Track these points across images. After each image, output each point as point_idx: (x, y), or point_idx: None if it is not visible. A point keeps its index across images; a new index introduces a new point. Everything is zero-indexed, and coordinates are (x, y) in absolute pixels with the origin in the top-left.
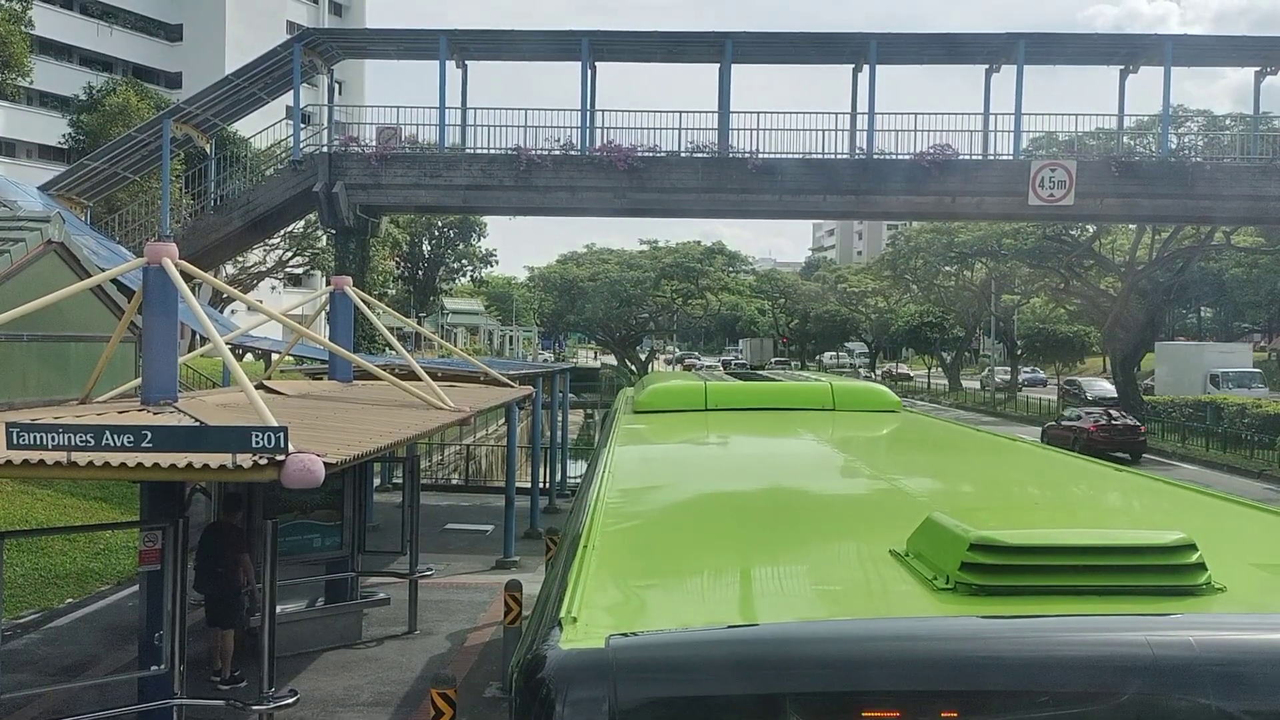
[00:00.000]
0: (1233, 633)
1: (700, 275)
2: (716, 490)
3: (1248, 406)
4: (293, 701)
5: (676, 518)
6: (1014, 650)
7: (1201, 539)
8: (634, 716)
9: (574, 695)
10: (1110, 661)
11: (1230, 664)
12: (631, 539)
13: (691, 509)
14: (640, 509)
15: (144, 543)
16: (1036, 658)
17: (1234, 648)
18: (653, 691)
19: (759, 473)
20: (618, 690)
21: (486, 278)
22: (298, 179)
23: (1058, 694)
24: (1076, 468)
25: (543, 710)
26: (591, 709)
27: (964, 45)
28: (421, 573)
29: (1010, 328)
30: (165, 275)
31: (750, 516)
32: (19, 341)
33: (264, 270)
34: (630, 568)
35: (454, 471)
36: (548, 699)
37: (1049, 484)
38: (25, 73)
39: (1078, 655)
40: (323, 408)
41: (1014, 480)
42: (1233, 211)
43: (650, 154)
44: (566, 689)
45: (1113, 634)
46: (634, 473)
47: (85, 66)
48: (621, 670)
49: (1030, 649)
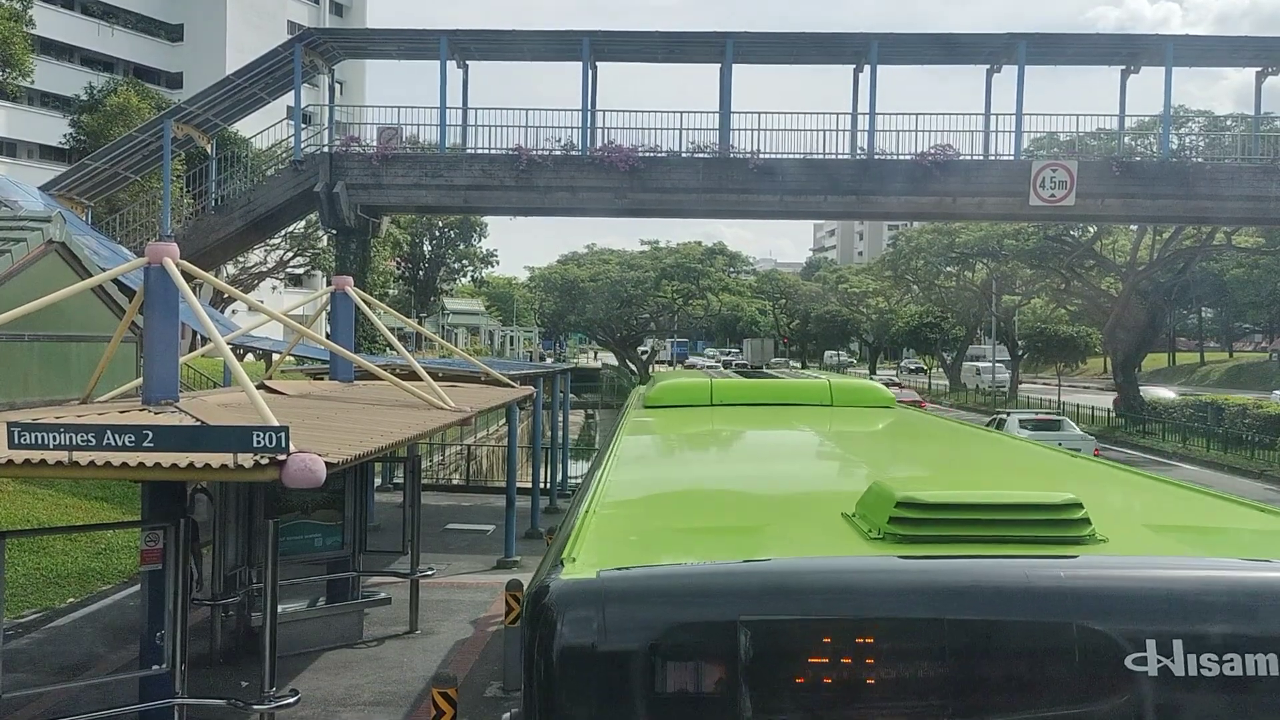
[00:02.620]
0: (1102, 571)
1: (701, 276)
2: (708, 468)
3: (1248, 407)
4: (294, 701)
5: (668, 488)
6: (921, 584)
7: (1092, 500)
8: (618, 633)
9: (571, 615)
10: (999, 595)
11: (1098, 597)
12: (627, 503)
13: (683, 482)
14: (638, 481)
15: (145, 542)
16: (940, 591)
17: (1101, 584)
18: (633, 613)
19: (749, 455)
20: (605, 612)
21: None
22: (298, 179)
23: (957, 622)
24: (1016, 447)
25: (547, 629)
26: (584, 626)
27: (965, 46)
28: (422, 573)
29: (1011, 328)
30: (166, 275)
31: (733, 488)
32: (20, 341)
33: (265, 270)
34: (623, 524)
35: (455, 471)
36: (550, 619)
37: (986, 459)
38: (26, 72)
39: (973, 590)
40: (324, 408)
41: (961, 458)
42: (1234, 212)
43: (651, 154)
44: (565, 610)
45: (1002, 573)
46: (637, 454)
47: (86, 66)
48: (609, 596)
49: (934, 583)
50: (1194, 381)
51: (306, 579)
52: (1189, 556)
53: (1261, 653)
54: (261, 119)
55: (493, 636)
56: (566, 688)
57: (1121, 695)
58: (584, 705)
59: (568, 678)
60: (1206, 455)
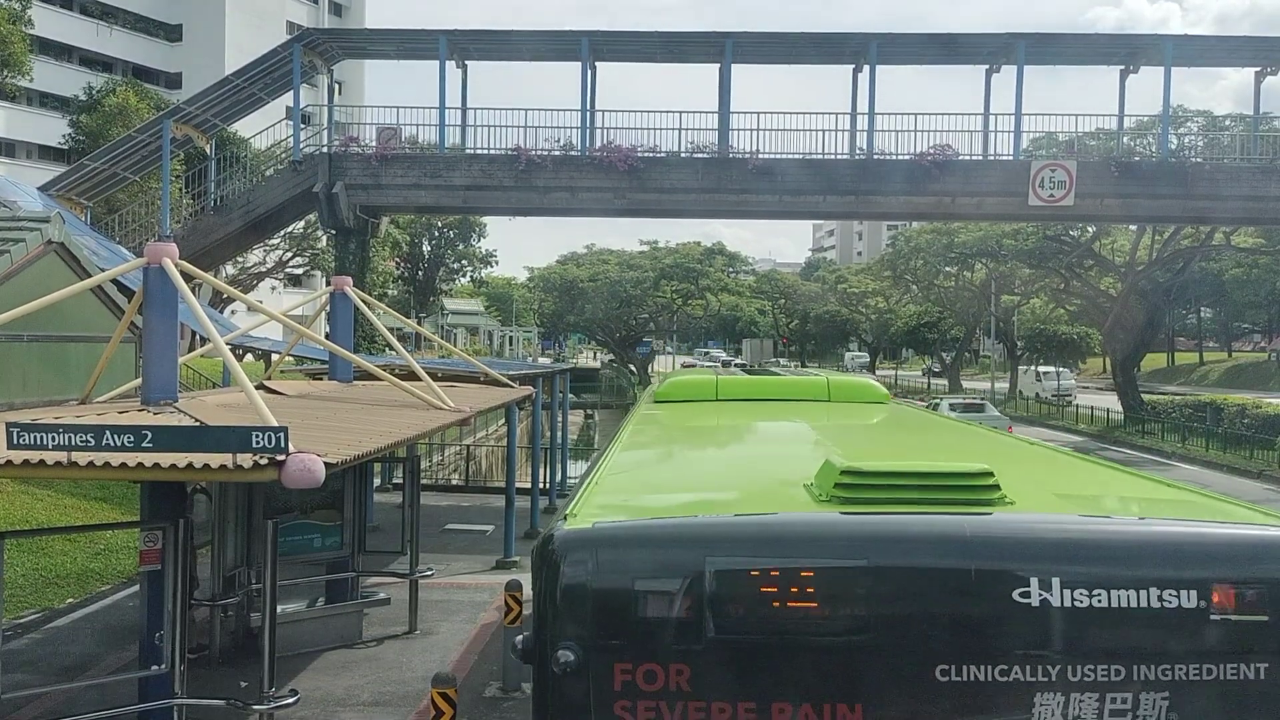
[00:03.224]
0: (1002, 526)
1: (700, 276)
2: (701, 450)
3: (1247, 407)
4: (293, 701)
5: (663, 463)
6: (852, 534)
7: (1006, 472)
8: (608, 571)
9: (571, 558)
10: (916, 544)
11: (995, 546)
12: (626, 474)
13: (677, 459)
14: (638, 459)
15: (144, 543)
16: (868, 540)
17: (999, 535)
18: (619, 556)
19: (739, 440)
20: (598, 555)
21: (486, 278)
22: (298, 179)
23: (883, 564)
24: (966, 433)
25: (552, 569)
26: (581, 566)
27: (964, 45)
28: (422, 573)
29: (1010, 328)
30: (165, 275)
31: (719, 465)
32: (19, 342)
33: (264, 271)
34: (620, 489)
35: (454, 472)
36: (554, 561)
37: (936, 442)
38: (25, 73)
39: (897, 540)
40: (323, 408)
41: (918, 441)
42: (1232, 212)
43: (650, 154)
44: (566, 553)
45: (921, 527)
46: (640, 438)
47: (85, 67)
48: (601, 542)
49: (864, 534)
50: (1193, 381)
51: (306, 579)
52: (1075, 515)
53: (1123, 589)
54: (260, 119)
55: (492, 637)
56: (568, 615)
57: (1012, 622)
58: (582, 628)
59: (568, 607)
60: (1206, 455)
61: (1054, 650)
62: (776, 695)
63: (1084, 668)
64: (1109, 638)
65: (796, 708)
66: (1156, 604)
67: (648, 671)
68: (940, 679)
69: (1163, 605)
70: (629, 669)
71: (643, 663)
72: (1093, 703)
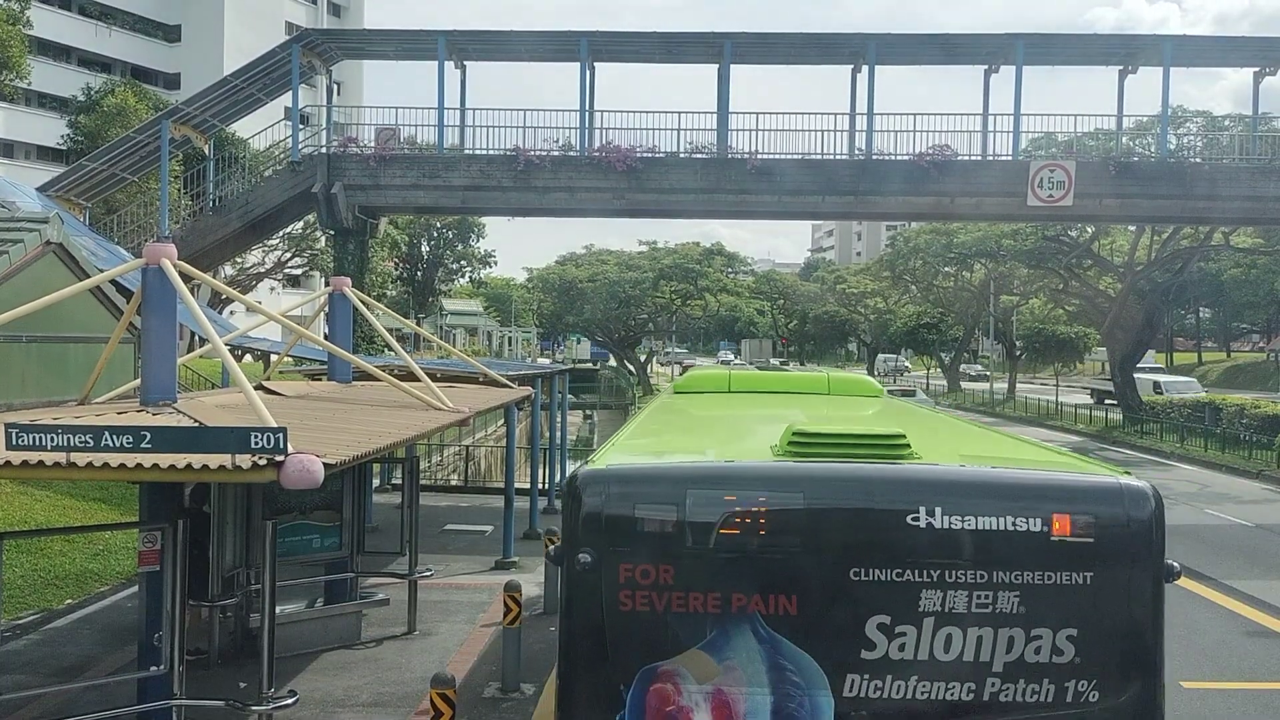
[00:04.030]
0: (904, 471)
1: (699, 276)
2: (704, 425)
3: (1246, 407)
4: (292, 702)
5: (671, 432)
6: (793, 477)
7: (921, 437)
8: (615, 500)
9: (589, 489)
10: (840, 484)
11: (897, 485)
12: (640, 437)
13: (682, 429)
14: (652, 428)
15: (143, 543)
16: (805, 481)
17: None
18: (624, 489)
19: (742, 418)
20: (609, 487)
21: (485, 279)
22: (296, 180)
23: (814, 499)
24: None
25: (575, 497)
26: (596, 495)
27: (963, 46)
28: (421, 573)
29: (1009, 328)
30: (164, 276)
31: (715, 433)
32: (18, 343)
33: (263, 271)
34: (632, 447)
35: (453, 472)
36: (577, 491)
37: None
38: (23, 74)
39: (825, 481)
40: (322, 409)
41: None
42: (1231, 212)
43: (649, 155)
44: (586, 486)
45: (843, 472)
46: (658, 416)
47: (83, 67)
48: (611, 478)
49: (802, 476)
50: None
51: (305, 580)
52: (955, 465)
53: (986, 516)
54: (259, 120)
55: (491, 637)
56: (585, 530)
57: (903, 541)
58: (596, 539)
59: (586, 524)
60: (1204, 455)
61: (934, 559)
62: (735, 589)
63: (956, 573)
64: (976, 551)
65: (749, 597)
66: (1011, 528)
67: (643, 570)
68: (853, 578)
69: (1015, 529)
70: (630, 568)
71: (639, 564)
72: (963, 598)
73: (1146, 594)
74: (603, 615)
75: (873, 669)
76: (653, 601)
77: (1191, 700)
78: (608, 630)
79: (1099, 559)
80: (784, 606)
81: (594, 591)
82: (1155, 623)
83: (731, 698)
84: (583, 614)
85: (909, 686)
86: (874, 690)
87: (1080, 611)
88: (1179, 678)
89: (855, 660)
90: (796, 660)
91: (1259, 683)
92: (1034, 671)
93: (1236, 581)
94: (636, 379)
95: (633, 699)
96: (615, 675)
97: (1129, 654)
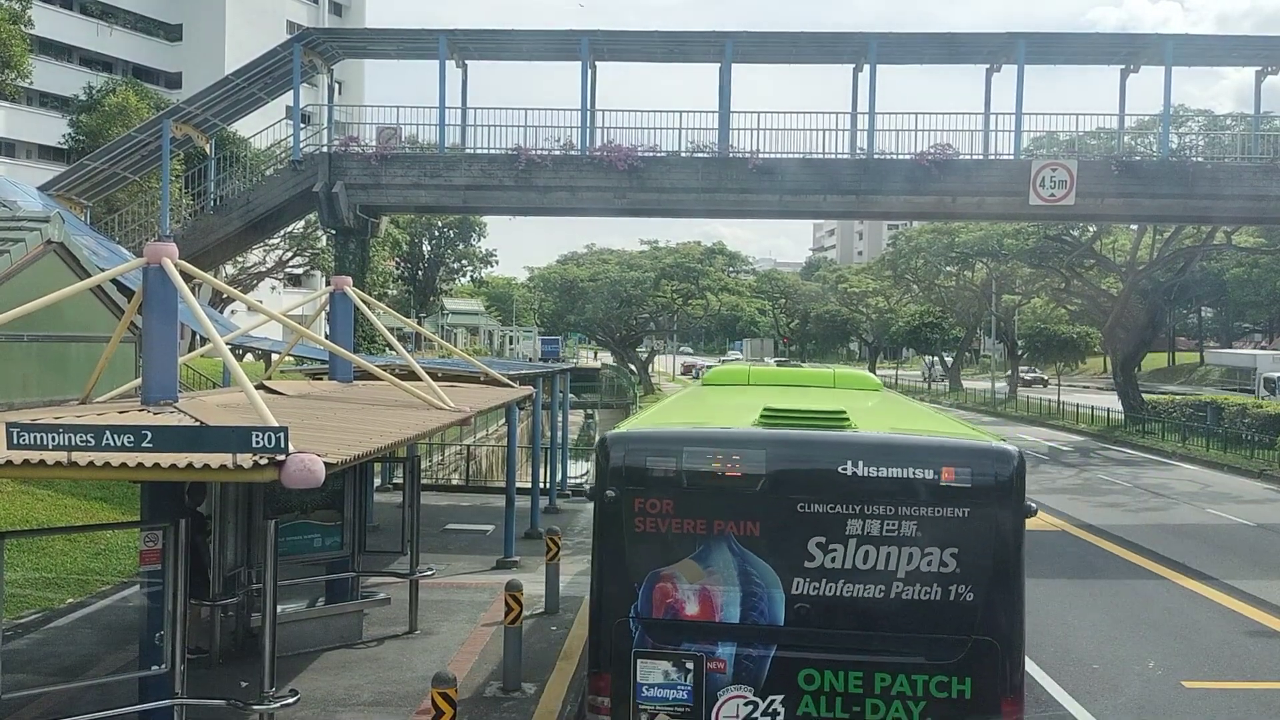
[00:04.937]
0: (841, 436)
1: (700, 275)
2: (718, 406)
3: (1248, 407)
4: (293, 701)
5: (686, 411)
6: (759, 439)
7: (865, 414)
8: (632, 452)
9: (614, 446)
10: (793, 445)
11: (835, 445)
12: (663, 412)
13: (695, 409)
14: (673, 408)
15: (144, 543)
16: (767, 442)
17: (837, 441)
18: (641, 446)
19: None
20: (628, 444)
21: (486, 278)
22: (297, 179)
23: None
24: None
25: (604, 451)
26: (619, 449)
27: (964, 45)
28: (422, 573)
29: (1011, 328)
30: (165, 275)
31: (720, 412)
32: (19, 342)
33: (264, 270)
34: (653, 419)
35: (454, 472)
36: (606, 447)
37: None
38: (25, 73)
39: (781, 442)
40: (323, 408)
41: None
42: (1233, 211)
43: (650, 154)
44: (612, 444)
45: (797, 435)
46: (681, 401)
47: (85, 66)
48: (630, 438)
49: (765, 439)
50: (1194, 381)
51: (306, 579)
52: (876, 431)
53: (895, 467)
54: (260, 119)
55: (492, 637)
56: (611, 474)
57: (833, 489)
58: (618, 481)
59: (611, 469)
60: (1206, 455)
61: (857, 498)
62: (715, 517)
63: (872, 507)
64: (887, 493)
65: (725, 523)
66: (912, 476)
67: (650, 503)
68: (799, 510)
69: (915, 477)
70: (642, 501)
71: (649, 498)
72: (876, 525)
73: (1009, 525)
74: (623, 534)
75: (812, 574)
76: (658, 525)
77: (1193, 700)
78: (626, 545)
79: (975, 500)
80: (750, 529)
81: (616, 518)
82: (1016, 545)
83: (712, 593)
84: (608, 534)
85: (838, 587)
86: (813, 589)
87: (961, 536)
88: (1181, 677)
89: (800, 568)
90: (758, 567)
91: (1261, 683)
92: (927, 578)
93: (1238, 581)
94: (638, 378)
95: (643, 593)
96: (631, 576)
97: (995, 567)
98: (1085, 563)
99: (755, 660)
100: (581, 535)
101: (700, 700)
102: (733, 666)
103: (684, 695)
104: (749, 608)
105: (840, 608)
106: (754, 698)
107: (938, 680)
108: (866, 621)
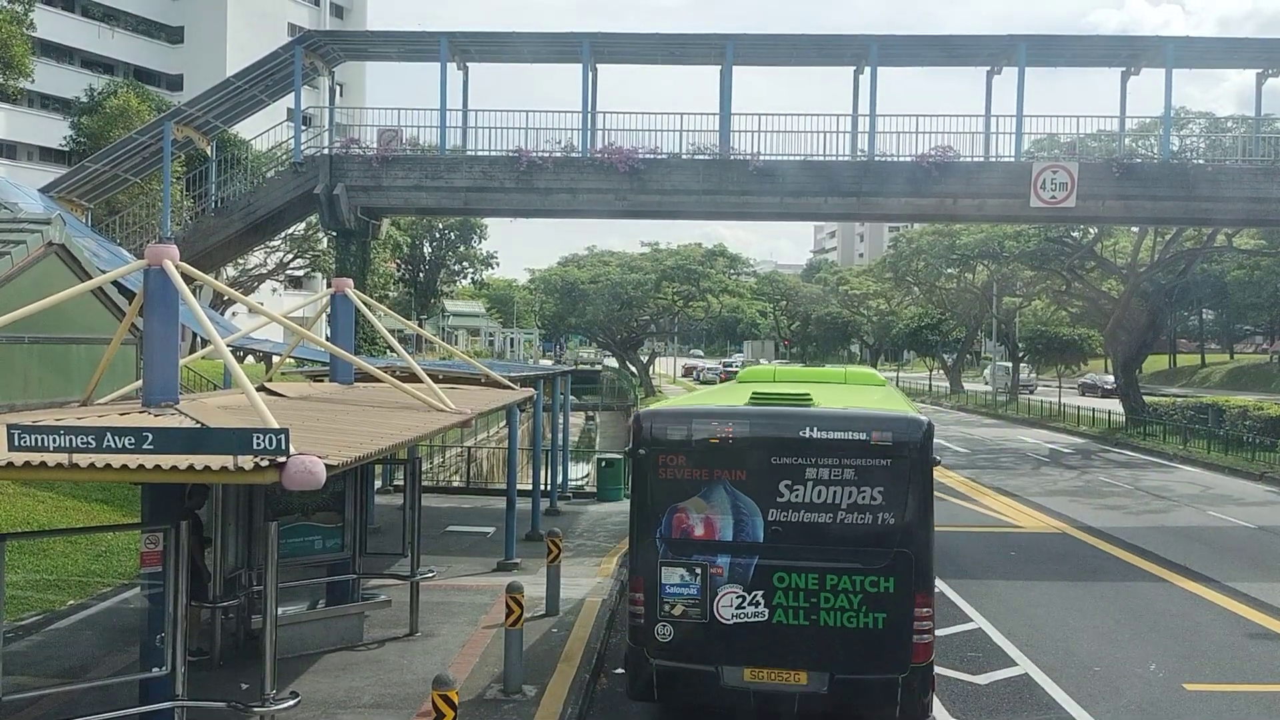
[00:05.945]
0: (804, 411)
1: (701, 277)
2: (735, 393)
3: (1249, 409)
4: (294, 703)
5: (714, 394)
6: (748, 414)
7: (829, 396)
8: (659, 428)
9: (645, 419)
10: (769, 417)
11: (799, 417)
12: (693, 398)
13: (720, 393)
14: (700, 394)
15: (145, 545)
16: (754, 416)
17: (801, 415)
18: (665, 421)
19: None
20: (655, 418)
21: (487, 280)
22: (298, 181)
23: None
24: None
25: (638, 422)
26: (648, 421)
27: (965, 47)
28: (423, 575)
29: (1012, 330)
30: (166, 277)
31: (733, 396)
32: (20, 344)
33: (265, 272)
34: (678, 401)
35: (455, 474)
36: (640, 424)
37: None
38: (26, 75)
39: (763, 416)
40: (324, 410)
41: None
42: (1234, 213)
43: (651, 156)
44: (644, 421)
45: (775, 411)
46: (717, 390)
47: (86, 68)
48: (656, 413)
49: (753, 413)
50: (1195, 383)
51: (306, 581)
52: (830, 408)
53: (840, 432)
54: (261, 121)
55: (493, 639)
56: (641, 438)
57: (796, 447)
58: (647, 443)
59: (642, 435)
60: (1207, 457)
61: (813, 453)
62: (715, 467)
63: (823, 460)
64: (834, 449)
65: (722, 471)
66: (852, 437)
67: (669, 458)
68: (773, 462)
69: (852, 438)
70: (664, 457)
71: (669, 455)
72: (826, 472)
73: (920, 472)
74: (650, 480)
75: (782, 507)
76: (675, 473)
77: (1194, 702)
78: (651, 487)
79: (895, 453)
80: (739, 476)
81: (646, 469)
82: (926, 485)
83: (713, 520)
84: (641, 481)
85: (800, 515)
86: (783, 517)
87: (886, 479)
88: (1182, 680)
89: (774, 503)
90: (746, 502)
91: (1262, 685)
92: (861, 509)
93: (1239, 584)
94: (639, 380)
95: (665, 521)
96: (657, 509)
97: (910, 501)
98: (1086, 565)
99: (743, 566)
100: (582, 538)
101: (706, 594)
102: (728, 571)
103: (694, 591)
104: (739, 530)
105: (802, 529)
106: (743, 592)
107: (870, 579)
108: (820, 539)
